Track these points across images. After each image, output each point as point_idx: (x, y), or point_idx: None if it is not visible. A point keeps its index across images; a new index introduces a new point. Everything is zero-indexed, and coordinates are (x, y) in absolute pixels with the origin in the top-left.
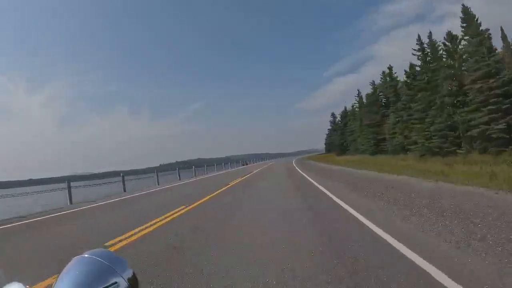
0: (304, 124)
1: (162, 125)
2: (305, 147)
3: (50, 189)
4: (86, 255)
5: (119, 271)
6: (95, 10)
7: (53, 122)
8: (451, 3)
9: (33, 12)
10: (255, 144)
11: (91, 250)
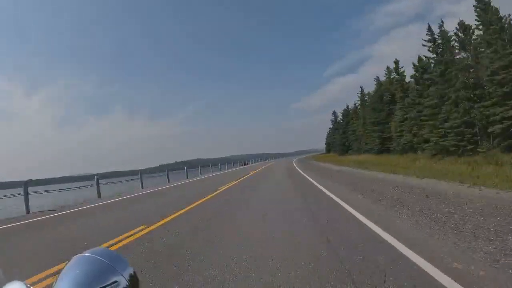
0: (304, 124)
1: (162, 125)
2: (304, 147)
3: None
4: (86, 254)
5: (120, 270)
6: (95, 10)
7: (51, 123)
8: (450, 3)
9: (33, 12)
10: (255, 144)
11: (91, 249)
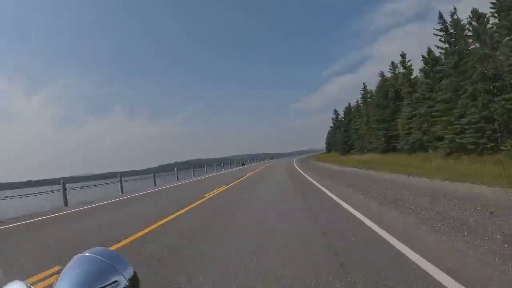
0: (304, 124)
1: (162, 125)
2: (304, 147)
3: None
4: (86, 254)
5: (120, 270)
6: (95, 10)
7: (51, 123)
8: (450, 2)
9: (33, 12)
10: (254, 144)
11: (92, 249)
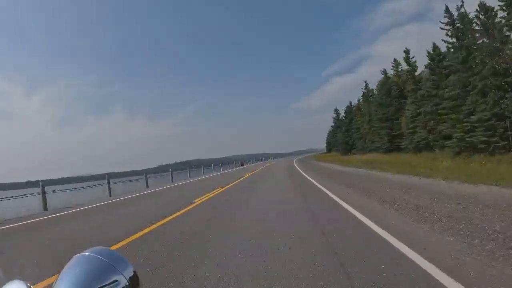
0: (304, 124)
1: (162, 125)
2: (303, 147)
3: None
4: (86, 253)
5: (120, 269)
6: (95, 10)
7: (51, 123)
8: (450, 1)
9: (33, 12)
10: (255, 144)
11: (91, 248)
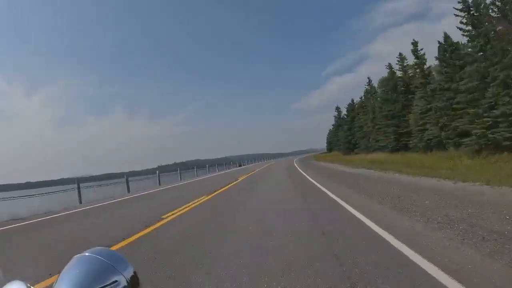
0: (304, 124)
1: (162, 125)
2: (303, 147)
3: None
4: (86, 254)
5: (120, 270)
6: (95, 10)
7: (51, 123)
8: (448, 1)
9: (33, 12)
10: (254, 144)
11: (92, 249)
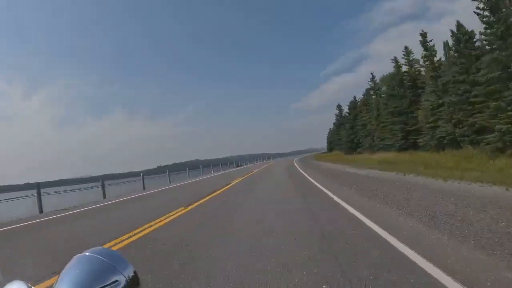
0: (304, 124)
1: (162, 125)
2: (303, 146)
3: None
4: (86, 253)
5: (120, 269)
6: (95, 10)
7: (51, 123)
8: (447, 1)
9: (33, 12)
10: (254, 144)
11: (92, 249)
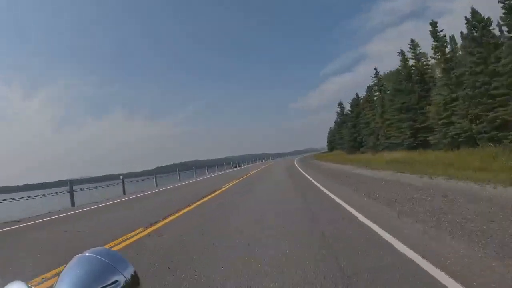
0: (304, 124)
1: (162, 125)
2: (303, 146)
3: None
4: (87, 254)
5: (120, 269)
6: (95, 10)
7: (51, 123)
8: (445, 0)
9: (33, 12)
10: (254, 144)
11: (92, 249)
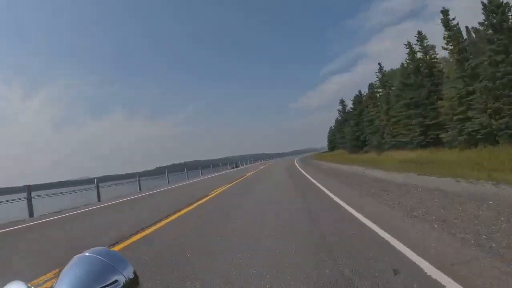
0: (304, 124)
1: (162, 125)
2: (303, 146)
3: None
4: (86, 254)
5: (120, 269)
6: (95, 10)
7: (51, 123)
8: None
9: (33, 12)
10: (254, 144)
11: (92, 249)
